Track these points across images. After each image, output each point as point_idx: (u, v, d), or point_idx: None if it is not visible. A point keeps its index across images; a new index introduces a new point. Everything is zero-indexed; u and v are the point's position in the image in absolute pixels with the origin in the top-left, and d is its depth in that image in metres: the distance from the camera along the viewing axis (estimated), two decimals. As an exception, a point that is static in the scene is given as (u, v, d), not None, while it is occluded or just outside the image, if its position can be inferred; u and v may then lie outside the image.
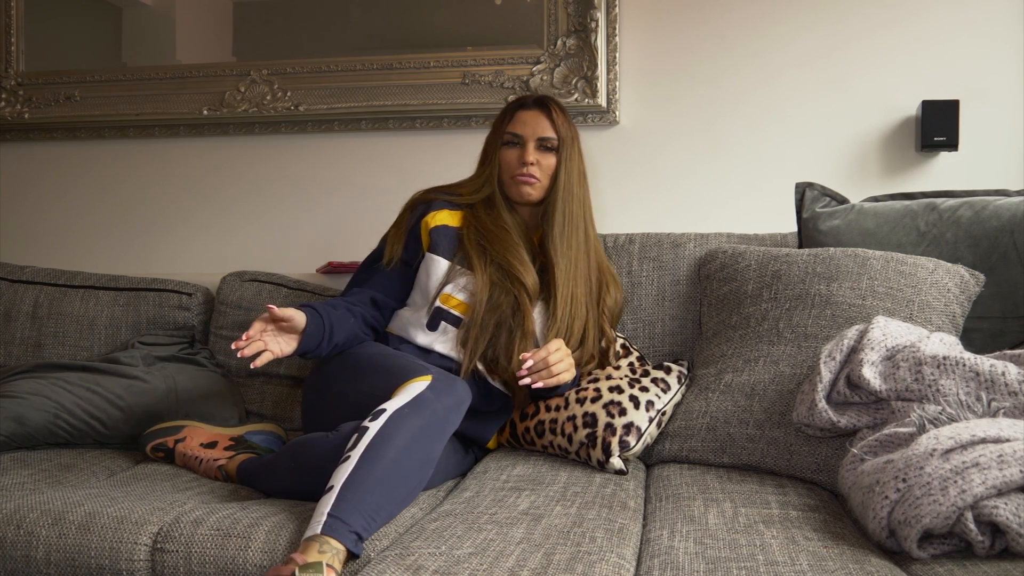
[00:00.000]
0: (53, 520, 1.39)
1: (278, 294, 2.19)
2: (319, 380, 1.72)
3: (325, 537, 1.21)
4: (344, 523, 1.23)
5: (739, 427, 1.62)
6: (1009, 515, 1.09)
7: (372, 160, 2.48)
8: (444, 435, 1.44)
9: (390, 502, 1.31)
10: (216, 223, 2.57)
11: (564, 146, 1.78)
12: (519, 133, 1.79)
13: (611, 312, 1.86)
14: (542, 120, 1.78)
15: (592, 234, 1.84)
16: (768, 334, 1.72)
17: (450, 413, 1.45)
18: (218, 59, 2.56)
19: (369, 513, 1.26)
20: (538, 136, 1.78)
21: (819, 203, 1.94)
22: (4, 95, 2.63)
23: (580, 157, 1.82)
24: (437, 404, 1.41)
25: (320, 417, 1.68)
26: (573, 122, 1.83)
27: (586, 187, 1.83)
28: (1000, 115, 2.18)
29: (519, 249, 1.76)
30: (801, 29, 2.27)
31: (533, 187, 1.78)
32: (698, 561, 1.15)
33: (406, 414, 1.37)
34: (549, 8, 2.34)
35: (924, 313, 1.65)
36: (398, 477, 1.32)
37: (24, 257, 2.57)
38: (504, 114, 1.84)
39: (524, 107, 1.81)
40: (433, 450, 1.41)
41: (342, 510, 1.24)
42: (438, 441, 1.42)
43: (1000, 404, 1.27)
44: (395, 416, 1.36)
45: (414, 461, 1.35)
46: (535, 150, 1.77)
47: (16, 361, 2.16)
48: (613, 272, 1.90)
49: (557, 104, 1.82)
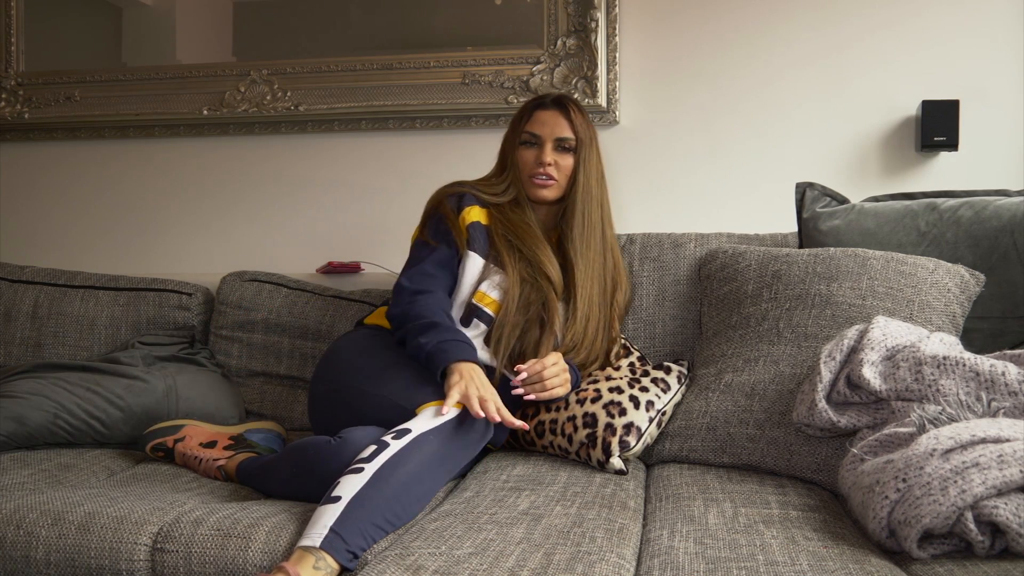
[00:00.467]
0: (53, 520, 1.39)
1: (278, 294, 2.19)
2: (333, 373, 1.69)
3: (323, 552, 1.21)
4: (344, 542, 1.23)
5: (739, 427, 1.62)
6: (1009, 515, 1.09)
7: (372, 160, 2.48)
8: (456, 468, 1.45)
9: (389, 524, 1.31)
10: (216, 223, 2.57)
11: (583, 147, 1.77)
12: (537, 133, 1.78)
13: (620, 310, 1.87)
14: (560, 120, 1.77)
15: (610, 235, 1.84)
16: (768, 334, 1.72)
17: (468, 449, 1.46)
18: (218, 59, 2.56)
19: (370, 533, 1.26)
20: (556, 136, 1.77)
21: (819, 203, 1.94)
22: (4, 95, 2.63)
23: (599, 158, 1.82)
24: (462, 439, 1.42)
25: (331, 410, 1.66)
26: (592, 126, 1.82)
27: (605, 188, 1.83)
28: (1000, 115, 2.18)
29: (545, 246, 1.76)
30: (801, 29, 2.27)
31: (549, 188, 1.78)
32: (698, 561, 1.15)
33: (430, 440, 1.37)
34: (549, 8, 2.34)
35: (924, 313, 1.65)
36: (404, 501, 1.32)
37: (24, 257, 2.57)
38: (522, 113, 1.82)
39: (543, 107, 1.80)
40: (440, 480, 1.41)
41: (345, 527, 1.23)
42: (448, 473, 1.43)
43: (1000, 404, 1.27)
44: (419, 439, 1.36)
45: (423, 488, 1.36)
46: (553, 150, 1.77)
47: (16, 361, 2.16)
48: (625, 270, 1.91)
49: (576, 104, 1.80)
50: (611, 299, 1.83)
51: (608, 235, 1.83)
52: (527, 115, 1.81)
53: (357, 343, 1.73)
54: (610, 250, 1.83)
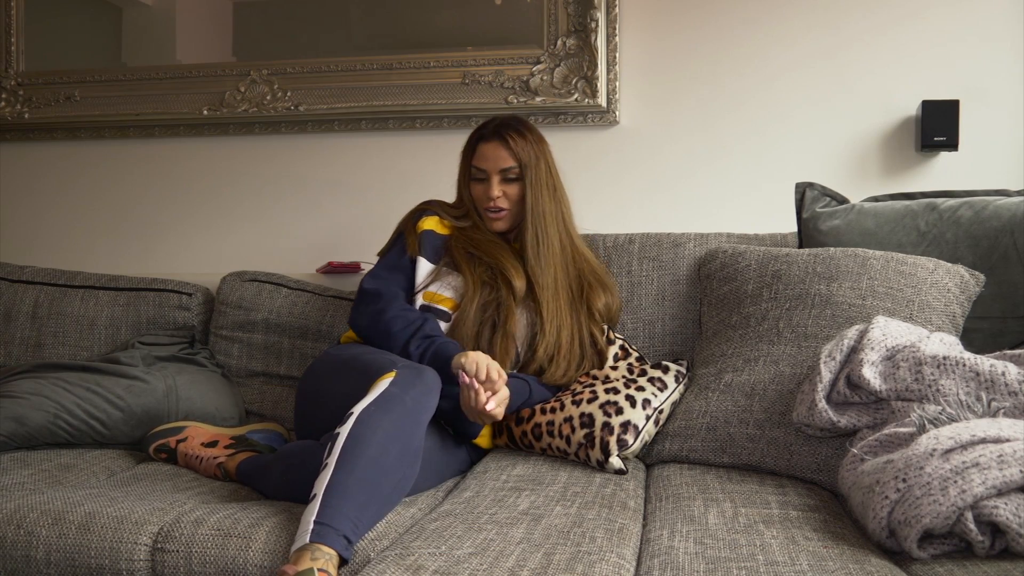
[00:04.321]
0: (53, 520, 1.39)
1: (278, 294, 2.19)
2: (306, 383, 1.74)
3: (315, 544, 1.21)
4: (332, 528, 1.23)
5: (739, 427, 1.62)
6: (1009, 515, 1.09)
7: (372, 160, 2.48)
8: (418, 424, 1.43)
9: (375, 500, 1.31)
10: (216, 223, 2.57)
11: (528, 170, 1.83)
12: (482, 167, 1.85)
13: (603, 315, 1.87)
14: (500, 152, 1.83)
15: (567, 244, 1.88)
16: (768, 334, 1.72)
17: (420, 402, 1.44)
18: (218, 59, 2.56)
19: (355, 515, 1.26)
20: (499, 168, 1.83)
21: (819, 203, 1.94)
22: (4, 95, 2.63)
23: (548, 171, 1.86)
24: (404, 396, 1.41)
25: (307, 420, 1.70)
26: (538, 135, 1.87)
27: (559, 198, 1.88)
28: (1000, 115, 2.18)
29: (509, 254, 1.83)
30: (801, 29, 2.27)
31: (502, 219, 1.86)
32: (698, 561, 1.15)
33: (372, 412, 1.37)
34: (549, 8, 2.34)
35: (924, 313, 1.65)
36: (379, 474, 1.32)
37: (24, 257, 2.57)
38: (467, 146, 1.90)
39: (483, 139, 1.86)
40: (411, 442, 1.40)
41: (328, 516, 1.24)
42: (413, 432, 1.41)
43: (1000, 404, 1.27)
44: (362, 416, 1.36)
45: (392, 456, 1.35)
46: (499, 183, 1.84)
47: (16, 361, 2.16)
48: (602, 275, 1.92)
49: (515, 129, 1.85)
50: (584, 304, 1.85)
51: (566, 244, 1.87)
52: (471, 149, 1.88)
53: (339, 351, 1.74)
54: (571, 261, 1.87)
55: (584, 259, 1.90)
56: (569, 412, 1.69)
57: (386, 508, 1.35)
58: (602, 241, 2.08)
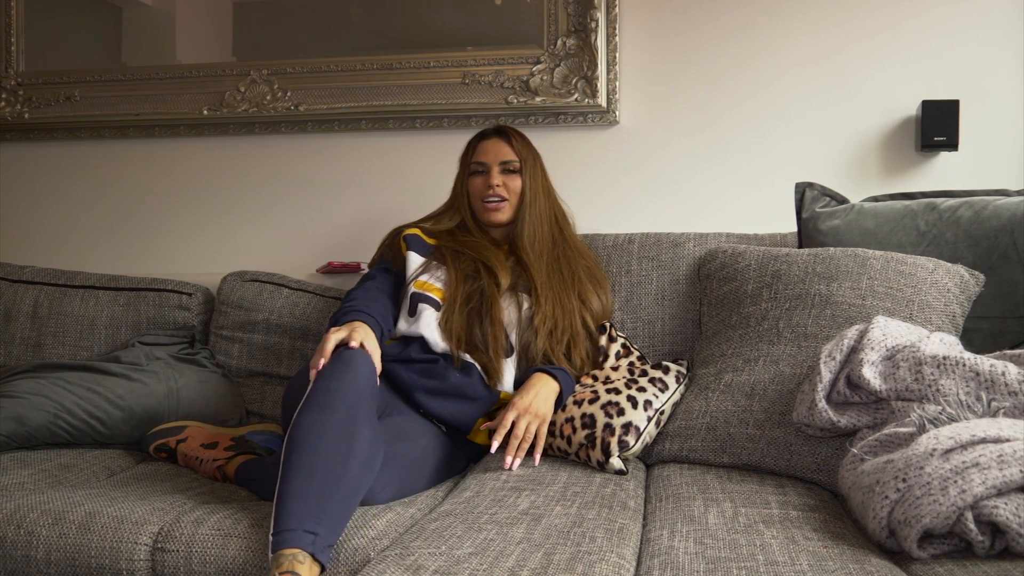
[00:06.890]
0: (53, 520, 1.39)
1: (279, 294, 2.19)
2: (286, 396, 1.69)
3: (279, 552, 1.21)
4: (288, 531, 1.23)
5: (739, 427, 1.62)
6: (1009, 515, 1.09)
7: (372, 160, 2.48)
8: (355, 405, 1.39)
9: (337, 492, 1.29)
10: (216, 223, 2.57)
11: (526, 165, 1.92)
12: (483, 160, 1.92)
13: (596, 315, 1.89)
14: (502, 146, 1.92)
15: (560, 241, 1.93)
16: (768, 334, 1.72)
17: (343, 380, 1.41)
18: (218, 59, 2.56)
19: (313, 511, 1.25)
20: (500, 160, 1.91)
21: (819, 203, 1.94)
22: (4, 95, 2.63)
23: (543, 175, 1.96)
24: (324, 384, 1.40)
25: None
26: (533, 146, 1.96)
27: (553, 199, 1.97)
28: (1000, 115, 2.18)
29: (496, 251, 1.88)
30: (801, 29, 2.27)
31: (501, 209, 1.90)
32: (698, 561, 1.15)
33: (301, 413, 1.36)
34: (549, 8, 2.34)
35: (924, 313, 1.65)
36: (328, 466, 1.29)
37: (24, 257, 2.57)
38: (467, 148, 1.97)
39: (484, 138, 1.96)
40: (353, 425, 1.36)
41: (283, 523, 1.24)
42: (350, 414, 1.37)
43: (1000, 404, 1.27)
44: (294, 421, 1.36)
45: (336, 445, 1.32)
46: (499, 174, 1.91)
47: (16, 361, 2.16)
48: (599, 275, 1.96)
49: (515, 131, 1.96)
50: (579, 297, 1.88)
51: (560, 243, 1.93)
52: (471, 148, 1.96)
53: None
54: (563, 256, 1.91)
55: (579, 255, 1.95)
56: (570, 412, 1.69)
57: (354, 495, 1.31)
58: (602, 241, 2.08)
